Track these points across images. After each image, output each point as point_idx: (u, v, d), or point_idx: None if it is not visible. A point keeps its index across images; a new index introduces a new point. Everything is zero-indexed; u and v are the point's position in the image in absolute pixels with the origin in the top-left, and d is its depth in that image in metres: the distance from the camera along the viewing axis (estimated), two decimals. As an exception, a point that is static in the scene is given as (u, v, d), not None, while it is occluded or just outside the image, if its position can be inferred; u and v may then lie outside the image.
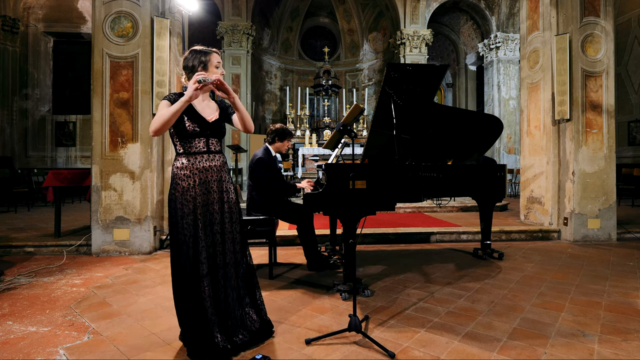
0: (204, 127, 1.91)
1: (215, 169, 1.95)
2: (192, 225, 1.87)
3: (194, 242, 1.87)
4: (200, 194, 1.90)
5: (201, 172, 1.91)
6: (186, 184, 1.89)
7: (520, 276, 3.18)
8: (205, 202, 1.92)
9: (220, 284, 1.91)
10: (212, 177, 1.94)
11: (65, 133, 9.64)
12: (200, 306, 1.84)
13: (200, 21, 10.70)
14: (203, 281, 1.86)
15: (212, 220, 1.93)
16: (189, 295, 1.85)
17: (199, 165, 1.91)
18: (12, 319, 2.32)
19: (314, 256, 3.35)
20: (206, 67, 1.93)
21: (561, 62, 4.64)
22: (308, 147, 9.78)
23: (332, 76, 11.83)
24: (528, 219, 5.28)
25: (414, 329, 2.15)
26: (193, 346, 1.85)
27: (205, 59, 1.93)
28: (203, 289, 1.85)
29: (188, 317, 1.86)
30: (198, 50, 1.96)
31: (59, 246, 4.04)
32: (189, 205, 1.88)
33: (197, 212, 1.88)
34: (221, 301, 1.90)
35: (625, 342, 1.99)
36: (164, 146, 4.40)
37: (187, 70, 1.95)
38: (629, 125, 9.02)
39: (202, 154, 1.92)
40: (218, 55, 1.99)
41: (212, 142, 1.96)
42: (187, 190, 1.88)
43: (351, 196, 2.62)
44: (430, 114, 3.23)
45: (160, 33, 4.11)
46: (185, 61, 1.96)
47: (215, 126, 1.95)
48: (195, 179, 1.90)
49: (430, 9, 10.23)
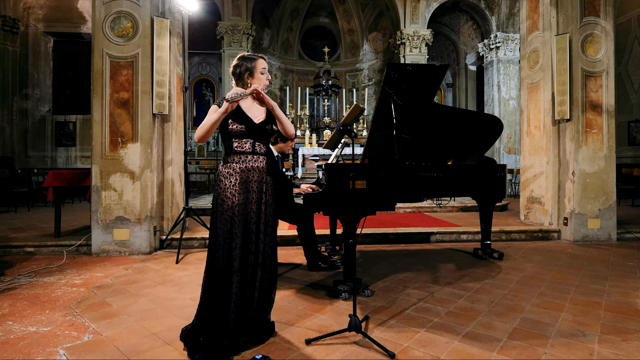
0: (250, 129, 1.98)
1: (258, 170, 2.01)
2: (229, 222, 1.94)
3: (229, 238, 1.94)
4: (241, 192, 1.96)
5: (243, 171, 1.98)
6: (228, 181, 1.96)
7: (520, 276, 3.18)
8: (244, 201, 1.97)
9: (248, 282, 1.96)
10: (254, 178, 2.00)
11: (65, 133, 9.64)
12: (226, 301, 1.89)
13: (200, 21, 10.70)
14: (233, 277, 1.91)
15: (249, 220, 1.98)
16: (219, 290, 1.90)
17: (242, 165, 1.98)
18: (12, 319, 2.32)
19: (314, 256, 3.35)
20: (252, 74, 2.02)
21: (561, 62, 4.64)
22: (308, 147, 9.78)
23: (332, 76, 11.82)
24: (528, 219, 5.28)
25: (414, 329, 2.15)
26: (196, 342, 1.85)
27: (251, 66, 2.02)
28: (232, 285, 1.90)
29: (210, 310, 1.89)
30: (245, 57, 2.05)
31: (59, 246, 4.04)
32: (228, 202, 1.94)
33: (235, 210, 1.94)
34: (245, 300, 1.94)
35: (625, 342, 1.99)
36: (164, 146, 4.40)
37: (235, 77, 2.05)
38: (629, 125, 9.02)
39: (246, 154, 1.99)
40: (264, 61, 2.07)
41: (258, 143, 2.02)
42: (228, 188, 1.95)
43: (351, 196, 2.62)
44: (430, 114, 3.23)
45: (160, 33, 4.11)
46: (233, 68, 2.04)
47: (261, 127, 2.01)
48: (237, 177, 1.96)
49: (430, 9, 10.22)
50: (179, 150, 4.68)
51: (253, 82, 2.01)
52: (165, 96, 4.20)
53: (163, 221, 4.36)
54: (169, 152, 4.45)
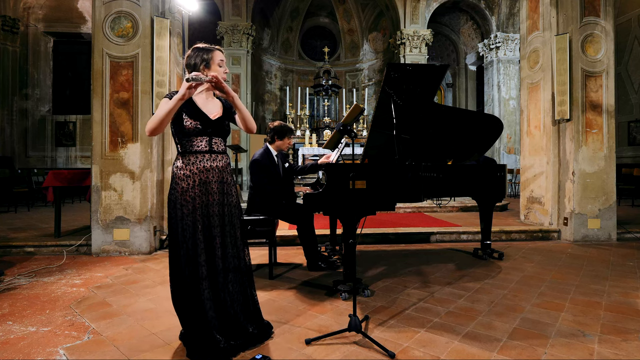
0: (206, 125, 1.86)
1: (217, 169, 1.90)
2: (191, 227, 1.83)
3: (193, 243, 1.83)
4: (200, 194, 1.86)
5: (202, 172, 1.86)
6: (185, 184, 1.84)
7: (520, 276, 3.18)
8: (205, 204, 1.87)
9: (220, 286, 1.89)
10: (214, 178, 1.89)
11: (65, 133, 9.64)
12: (200, 308, 1.83)
13: (200, 21, 10.70)
14: (202, 283, 1.83)
15: (212, 223, 1.88)
16: (188, 297, 1.84)
17: (199, 165, 1.86)
18: (12, 319, 2.32)
19: (314, 256, 3.35)
20: (209, 65, 1.88)
21: (561, 62, 4.64)
22: (308, 147, 9.78)
23: (332, 76, 11.82)
24: (528, 219, 5.27)
25: (414, 329, 2.15)
26: (193, 346, 1.84)
27: (208, 57, 1.88)
28: (202, 291, 1.83)
29: (188, 319, 1.85)
30: (200, 48, 1.91)
31: (59, 246, 4.04)
32: (189, 206, 1.84)
33: (197, 213, 1.84)
34: (221, 303, 1.89)
35: (625, 342, 1.99)
36: (164, 146, 4.40)
37: (189, 68, 1.90)
38: (629, 125, 9.02)
39: (203, 154, 1.87)
40: (221, 52, 1.94)
41: (215, 141, 1.91)
42: (187, 191, 1.84)
43: (351, 196, 2.61)
44: (430, 114, 3.23)
45: (160, 33, 4.11)
46: (187, 59, 1.91)
47: (218, 124, 1.90)
48: (195, 179, 1.85)
49: (430, 9, 10.22)
50: (179, 150, 4.67)
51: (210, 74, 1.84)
52: (165, 96, 4.19)
53: (163, 221, 4.36)
54: (169, 152, 4.45)
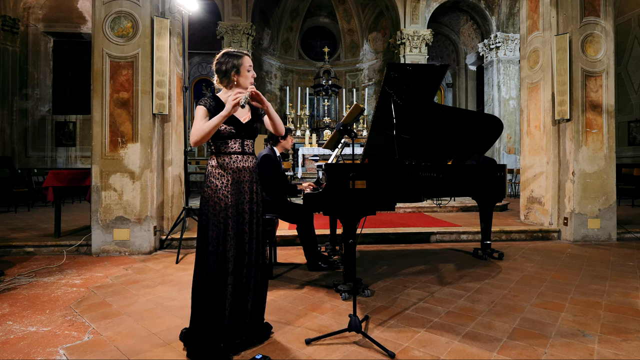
0: (238, 129, 1.96)
1: (248, 169, 2.00)
2: (222, 223, 1.90)
3: (223, 239, 1.91)
4: (233, 193, 1.93)
5: (235, 172, 1.95)
6: (220, 182, 1.92)
7: (520, 276, 3.18)
8: (237, 202, 1.94)
9: (243, 282, 1.94)
10: (245, 178, 1.98)
11: (65, 133, 9.64)
12: (220, 303, 1.86)
13: (200, 21, 10.70)
14: (228, 279, 1.88)
15: (242, 220, 1.96)
16: (212, 292, 1.87)
17: (233, 165, 1.95)
18: (12, 319, 2.32)
19: (314, 256, 3.35)
20: (239, 71, 1.95)
21: (561, 62, 4.64)
22: (308, 147, 9.78)
23: (332, 76, 11.82)
24: (528, 219, 5.28)
25: (414, 329, 2.15)
26: (194, 344, 1.85)
27: (238, 63, 1.94)
28: (227, 287, 1.88)
29: (204, 314, 1.87)
30: (230, 54, 1.96)
31: (59, 246, 4.04)
32: (221, 204, 1.91)
33: (228, 211, 1.91)
34: (240, 300, 1.93)
35: (625, 342, 1.99)
36: (164, 146, 4.40)
37: (219, 74, 1.97)
38: (629, 125, 9.02)
39: (237, 155, 1.97)
40: (249, 58, 2.01)
41: (247, 143, 2.02)
42: (220, 189, 1.92)
43: (351, 196, 2.62)
44: (430, 114, 3.23)
45: (160, 33, 4.11)
46: (218, 64, 1.96)
47: (248, 127, 2.00)
48: (229, 178, 1.94)
49: (430, 9, 10.22)
50: (179, 150, 4.68)
51: (239, 80, 1.95)
52: (165, 96, 4.20)
53: (163, 221, 4.36)
54: (169, 152, 4.45)
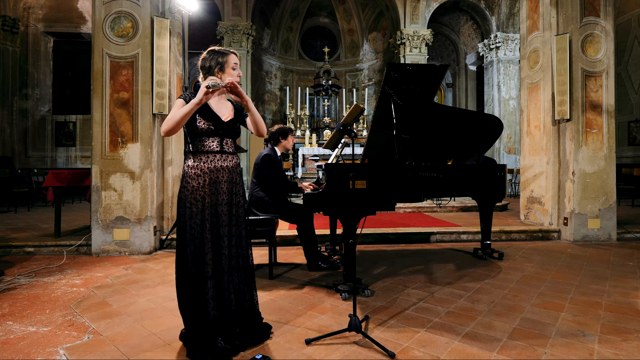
0: (218, 126, 1.90)
1: (227, 169, 1.94)
2: (199, 225, 1.86)
3: (201, 242, 1.86)
4: (210, 194, 1.88)
5: (212, 172, 1.89)
6: (196, 183, 1.87)
7: (520, 276, 3.18)
8: (214, 203, 1.89)
9: (225, 286, 1.90)
10: (223, 178, 1.92)
11: (65, 133, 9.64)
12: (203, 307, 1.84)
13: (200, 21, 10.70)
14: (207, 282, 1.85)
15: (220, 222, 1.90)
16: (193, 296, 1.85)
17: (210, 164, 1.89)
18: (12, 319, 2.32)
19: (314, 256, 3.35)
20: (223, 69, 1.92)
21: (561, 62, 4.64)
22: (308, 147, 9.77)
23: (332, 76, 11.82)
24: (528, 219, 5.27)
25: (414, 329, 2.15)
26: (193, 346, 1.84)
27: (223, 60, 1.92)
28: (207, 291, 1.84)
29: (191, 317, 1.86)
30: (216, 51, 1.94)
31: (59, 246, 4.04)
32: (198, 205, 1.86)
33: (206, 212, 1.87)
34: (225, 302, 1.90)
35: (625, 342, 1.99)
36: (164, 146, 4.40)
37: (204, 71, 1.95)
38: (629, 125, 9.02)
39: (214, 154, 1.90)
40: (236, 56, 1.98)
41: (227, 142, 1.95)
42: (197, 190, 1.87)
43: (351, 196, 2.62)
44: (430, 114, 3.23)
45: (160, 33, 4.11)
46: (202, 61, 1.95)
47: (229, 126, 1.94)
48: (206, 179, 1.88)
49: (430, 9, 10.22)
50: (179, 150, 4.68)
51: (223, 78, 1.91)
52: (165, 96, 4.20)
53: (163, 221, 4.36)
54: (169, 152, 4.45)
